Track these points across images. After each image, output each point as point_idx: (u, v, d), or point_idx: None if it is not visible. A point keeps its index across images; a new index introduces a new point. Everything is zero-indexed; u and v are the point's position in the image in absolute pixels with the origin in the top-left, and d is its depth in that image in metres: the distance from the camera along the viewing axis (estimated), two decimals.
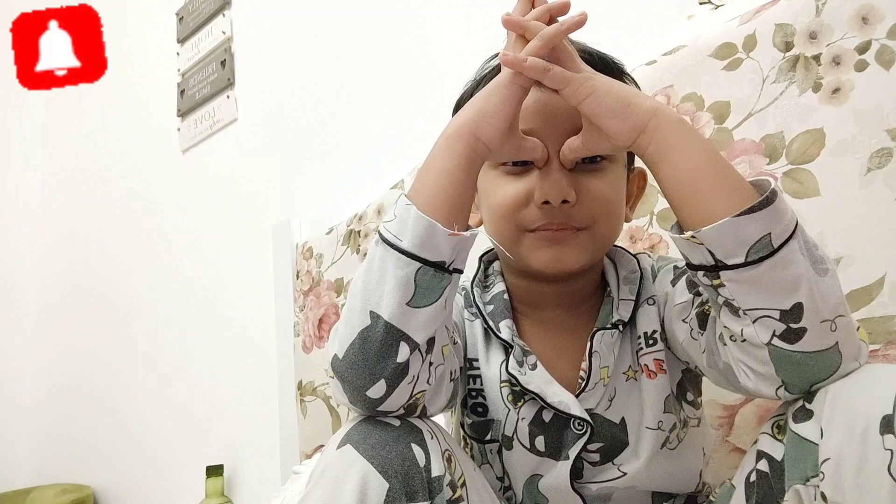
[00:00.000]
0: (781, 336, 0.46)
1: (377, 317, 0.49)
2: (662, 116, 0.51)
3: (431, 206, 0.50)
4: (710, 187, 0.48)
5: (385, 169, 1.33)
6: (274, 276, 1.53)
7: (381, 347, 0.49)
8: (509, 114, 0.53)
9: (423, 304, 0.50)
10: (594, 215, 0.58)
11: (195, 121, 1.88)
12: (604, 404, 0.61)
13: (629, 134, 0.51)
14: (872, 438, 0.42)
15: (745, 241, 0.45)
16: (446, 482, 0.50)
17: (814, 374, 0.47)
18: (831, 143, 0.76)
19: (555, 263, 0.58)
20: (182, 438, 1.82)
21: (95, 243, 2.22)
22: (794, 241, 0.46)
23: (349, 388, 0.50)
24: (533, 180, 0.58)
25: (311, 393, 1.37)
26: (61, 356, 2.33)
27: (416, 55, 1.36)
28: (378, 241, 0.51)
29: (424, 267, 0.49)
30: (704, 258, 0.48)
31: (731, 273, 0.46)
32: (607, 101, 0.51)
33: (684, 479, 0.63)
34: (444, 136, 0.54)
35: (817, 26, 0.78)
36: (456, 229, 0.50)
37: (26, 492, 2.11)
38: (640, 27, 1.01)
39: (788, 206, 0.47)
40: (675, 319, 0.59)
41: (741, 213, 0.45)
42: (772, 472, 0.50)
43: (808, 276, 0.46)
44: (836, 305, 0.46)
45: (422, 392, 0.52)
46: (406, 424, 0.51)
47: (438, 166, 0.52)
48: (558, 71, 0.51)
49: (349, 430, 0.50)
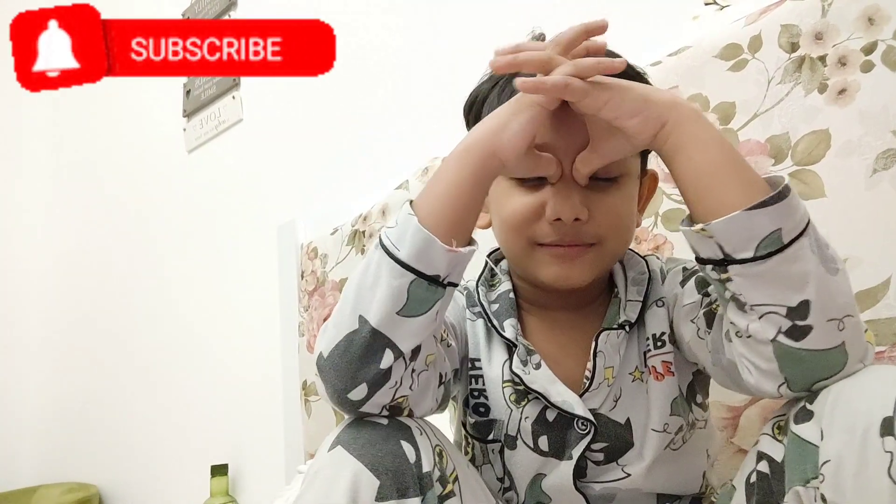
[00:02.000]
0: (787, 333, 0.46)
1: (365, 321, 0.49)
2: (682, 109, 0.51)
3: (433, 219, 0.50)
4: (726, 179, 0.47)
5: (390, 170, 1.34)
6: (279, 276, 1.53)
7: (364, 352, 0.49)
8: (532, 134, 0.53)
9: (414, 314, 0.50)
10: (605, 233, 0.58)
11: (201, 121, 1.89)
12: (608, 404, 0.61)
13: (652, 130, 0.51)
14: (873, 440, 0.41)
15: (756, 236, 0.45)
16: (436, 477, 0.50)
17: (817, 373, 0.47)
18: (837, 144, 0.76)
19: (563, 280, 0.59)
20: (187, 438, 1.83)
21: (102, 242, 2.23)
22: (805, 238, 0.45)
23: (330, 389, 0.51)
24: (545, 195, 0.57)
25: (316, 393, 1.37)
26: (67, 355, 2.33)
27: (421, 56, 1.36)
28: (377, 245, 0.51)
29: (418, 279, 0.49)
30: (713, 252, 0.47)
31: (739, 267, 0.46)
32: (627, 102, 0.51)
33: (688, 481, 0.63)
34: (461, 147, 0.53)
35: (823, 27, 0.78)
36: (455, 245, 0.49)
37: (32, 490, 2.12)
38: (646, 28, 1.01)
39: (801, 203, 0.46)
40: (684, 320, 0.59)
41: (753, 207, 0.45)
42: (772, 474, 0.50)
43: (818, 274, 0.45)
44: (844, 305, 0.46)
45: (403, 397, 0.52)
46: (395, 423, 0.52)
47: (448, 178, 0.52)
48: (577, 84, 0.50)
49: (339, 433, 0.51)
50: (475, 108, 0.64)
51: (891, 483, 0.40)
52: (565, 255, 0.58)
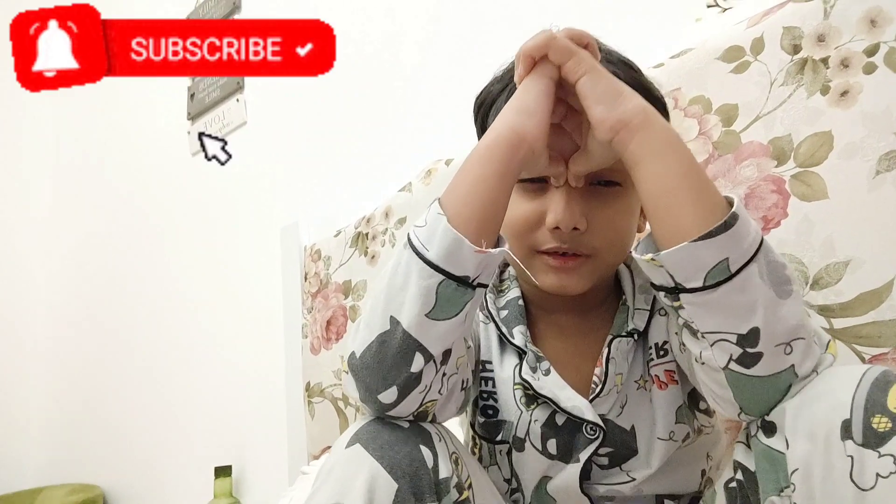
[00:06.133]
0: (738, 360, 0.46)
1: (397, 323, 0.49)
2: (650, 117, 0.50)
3: (462, 218, 0.49)
4: (684, 202, 0.47)
5: (393, 172, 1.34)
6: (282, 278, 1.53)
7: (396, 355, 0.49)
8: (548, 109, 0.52)
9: (443, 317, 0.49)
10: (601, 245, 0.58)
11: (205, 124, 1.90)
12: (616, 410, 0.61)
13: (612, 125, 0.50)
14: (835, 445, 0.42)
15: (703, 266, 0.45)
16: (453, 484, 0.51)
17: (770, 397, 0.47)
18: (840, 145, 0.76)
19: (559, 289, 0.59)
20: (191, 439, 1.83)
21: (105, 245, 2.24)
22: (754, 265, 0.45)
23: (362, 388, 0.51)
24: (546, 202, 0.57)
25: (319, 394, 1.37)
26: (71, 357, 2.34)
27: (424, 58, 1.37)
28: (406, 244, 0.50)
29: (447, 280, 0.48)
30: (665, 280, 0.48)
31: (689, 296, 0.47)
32: (601, 85, 0.51)
33: (688, 482, 0.63)
34: (485, 144, 0.52)
35: (825, 29, 0.78)
36: (485, 245, 0.49)
37: (36, 492, 2.13)
38: (648, 30, 1.01)
39: (751, 228, 0.46)
40: (671, 331, 0.60)
41: (698, 239, 0.45)
42: (747, 483, 0.50)
43: (767, 301, 0.45)
44: (795, 328, 0.46)
45: (432, 401, 0.52)
46: (415, 426, 0.52)
47: (475, 174, 0.51)
48: (561, 42, 0.51)
49: (358, 430, 0.51)
50: (483, 110, 0.64)
51: (854, 488, 0.41)
52: (561, 266, 0.58)
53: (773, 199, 0.79)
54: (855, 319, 0.73)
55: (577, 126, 0.56)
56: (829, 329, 0.74)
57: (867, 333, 0.72)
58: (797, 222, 0.77)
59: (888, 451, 0.40)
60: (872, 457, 0.40)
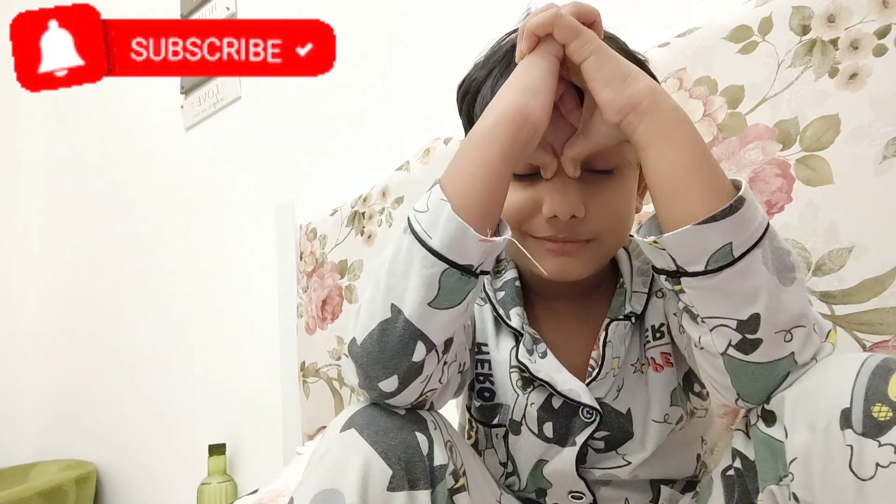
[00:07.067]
0: (737, 346, 0.46)
1: (398, 311, 0.48)
2: (659, 98, 0.49)
3: (465, 203, 0.47)
4: (693, 185, 0.46)
5: (390, 151, 1.32)
6: (277, 256, 1.52)
7: (398, 343, 0.48)
8: (553, 88, 0.51)
9: (446, 305, 0.48)
10: (601, 230, 0.57)
11: (199, 98, 1.87)
12: (612, 394, 0.60)
13: (620, 107, 0.49)
14: (835, 434, 0.41)
15: (706, 250, 0.44)
16: (449, 471, 0.50)
17: (768, 385, 0.47)
18: (846, 129, 0.74)
19: (559, 274, 0.57)
20: (185, 417, 1.83)
21: (99, 223, 2.22)
22: (758, 250, 0.45)
23: (363, 375, 0.50)
24: (541, 190, 0.56)
25: (314, 374, 1.37)
26: (65, 333, 2.33)
27: (422, 36, 1.34)
28: (407, 229, 0.49)
29: (451, 269, 0.47)
30: (667, 263, 0.47)
31: (691, 280, 0.46)
32: (608, 66, 0.49)
33: (683, 466, 0.63)
34: (485, 125, 0.50)
35: (835, 9, 0.76)
36: (489, 233, 0.48)
37: (30, 467, 2.14)
38: (654, 8, 0.99)
39: (757, 213, 0.45)
40: (669, 313, 0.59)
41: (703, 222, 0.44)
42: (745, 471, 0.50)
43: (770, 287, 0.45)
44: (797, 316, 0.46)
45: (432, 391, 0.52)
46: (411, 413, 0.51)
47: (478, 157, 0.49)
48: (568, 20, 0.49)
49: (353, 414, 0.50)
50: (468, 98, 0.61)
51: (854, 478, 0.40)
52: (561, 250, 0.57)
53: (777, 182, 0.78)
54: (857, 306, 0.73)
55: (574, 108, 0.54)
56: (831, 315, 0.74)
57: (869, 321, 0.72)
58: (801, 207, 0.76)
59: (888, 441, 0.39)
60: (872, 446, 0.40)
